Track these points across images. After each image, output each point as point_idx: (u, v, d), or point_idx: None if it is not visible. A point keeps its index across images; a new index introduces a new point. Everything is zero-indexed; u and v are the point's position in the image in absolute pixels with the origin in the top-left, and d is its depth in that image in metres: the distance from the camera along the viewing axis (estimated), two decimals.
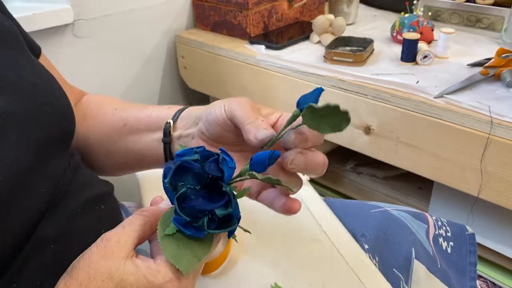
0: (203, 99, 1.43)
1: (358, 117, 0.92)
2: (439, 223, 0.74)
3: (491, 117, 0.74)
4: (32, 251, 0.40)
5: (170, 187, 0.38)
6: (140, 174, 0.78)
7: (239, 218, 0.39)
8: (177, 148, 0.56)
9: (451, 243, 0.74)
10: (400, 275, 0.64)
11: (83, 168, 0.55)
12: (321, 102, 0.38)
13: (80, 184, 0.50)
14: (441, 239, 0.73)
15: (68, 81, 0.67)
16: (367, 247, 0.64)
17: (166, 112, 0.58)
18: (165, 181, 0.38)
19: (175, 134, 0.56)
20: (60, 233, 0.43)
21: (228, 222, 0.38)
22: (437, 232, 0.73)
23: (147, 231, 0.40)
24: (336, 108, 0.36)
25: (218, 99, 0.49)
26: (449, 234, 0.74)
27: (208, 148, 0.40)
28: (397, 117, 0.86)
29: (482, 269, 0.99)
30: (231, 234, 0.40)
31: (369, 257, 0.61)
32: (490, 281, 0.99)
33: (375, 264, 0.60)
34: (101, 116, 0.64)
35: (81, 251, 0.43)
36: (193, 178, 0.38)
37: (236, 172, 0.39)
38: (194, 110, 0.55)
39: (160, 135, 0.57)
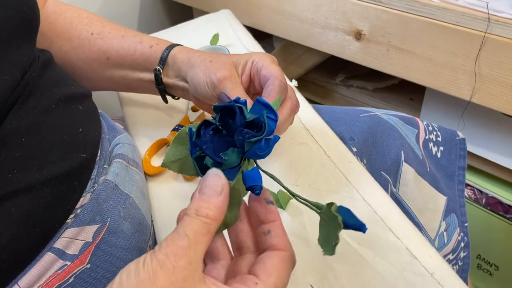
0: (186, 11, 1.35)
1: (348, 22, 0.87)
2: (430, 128, 0.72)
3: (488, 13, 0.70)
4: (1, 143, 0.39)
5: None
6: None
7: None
8: (175, 92, 0.59)
9: (441, 148, 0.73)
10: (388, 177, 0.63)
11: (56, 66, 0.52)
12: None
13: (52, 80, 0.48)
14: (431, 144, 0.72)
15: None
16: (355, 150, 0.62)
17: (149, 52, 0.57)
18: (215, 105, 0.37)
19: (167, 81, 0.57)
20: (32, 127, 0.42)
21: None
22: (427, 137, 0.71)
23: (210, 241, 0.31)
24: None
25: (201, 10, 0.46)
26: (439, 139, 0.73)
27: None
28: (389, 20, 0.81)
29: (470, 177, 1.00)
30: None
31: (357, 160, 0.60)
32: (477, 189, 1.00)
33: (363, 167, 0.58)
34: (75, 39, 0.61)
35: (53, 147, 0.42)
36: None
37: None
38: (178, 60, 0.55)
39: (147, 75, 0.58)
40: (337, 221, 0.34)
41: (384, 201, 0.51)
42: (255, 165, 0.39)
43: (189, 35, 0.87)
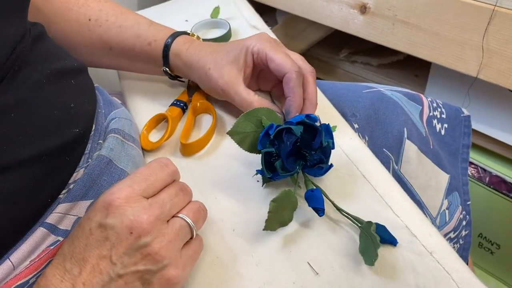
0: None
1: None
2: (434, 104, 0.71)
3: None
4: None
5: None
6: None
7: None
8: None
9: (445, 125, 0.71)
10: (390, 154, 0.62)
11: (49, 39, 0.50)
12: None
13: (44, 54, 0.46)
14: (435, 121, 0.70)
15: None
16: (357, 127, 0.61)
17: (149, 49, 0.59)
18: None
19: (177, 74, 0.61)
20: (21, 103, 0.40)
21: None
22: (431, 114, 0.70)
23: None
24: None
25: None
26: (443, 116, 0.71)
27: None
28: None
29: (473, 156, 0.98)
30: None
31: (359, 136, 0.59)
32: (480, 167, 0.98)
33: (364, 144, 0.57)
34: (73, 22, 0.60)
35: (44, 122, 0.41)
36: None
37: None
38: (179, 63, 0.58)
39: (155, 68, 0.61)
40: (376, 240, 0.40)
41: (384, 179, 0.49)
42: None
43: (189, 8, 0.85)
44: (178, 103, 0.61)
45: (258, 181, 0.50)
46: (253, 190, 0.50)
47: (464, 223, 0.70)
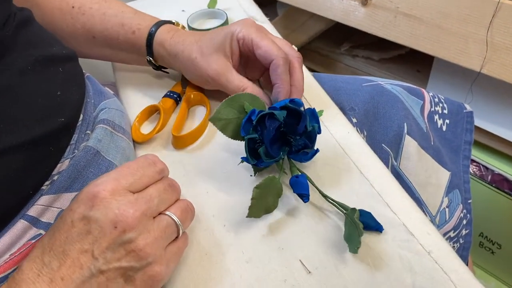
0: None
1: None
2: (436, 99, 0.69)
3: None
4: None
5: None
6: None
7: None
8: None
9: (447, 121, 0.69)
10: (389, 150, 0.60)
11: (37, 25, 0.49)
12: None
13: (30, 40, 0.45)
14: (436, 116, 0.68)
15: None
16: (355, 121, 0.59)
17: (133, 38, 0.57)
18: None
19: (161, 64, 0.60)
20: (5, 89, 0.39)
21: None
22: (433, 109, 0.68)
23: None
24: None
25: None
26: (445, 112, 0.69)
27: None
28: None
29: (475, 153, 0.96)
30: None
31: (357, 131, 0.57)
32: (482, 165, 0.97)
33: (362, 138, 0.55)
34: (56, 10, 0.59)
35: (28, 110, 0.39)
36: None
37: None
38: (164, 52, 0.56)
39: (139, 57, 0.60)
40: (359, 227, 0.38)
41: (382, 175, 0.48)
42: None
43: None
44: (172, 94, 0.60)
45: (251, 175, 0.49)
46: (246, 184, 0.48)
47: (464, 222, 0.68)
